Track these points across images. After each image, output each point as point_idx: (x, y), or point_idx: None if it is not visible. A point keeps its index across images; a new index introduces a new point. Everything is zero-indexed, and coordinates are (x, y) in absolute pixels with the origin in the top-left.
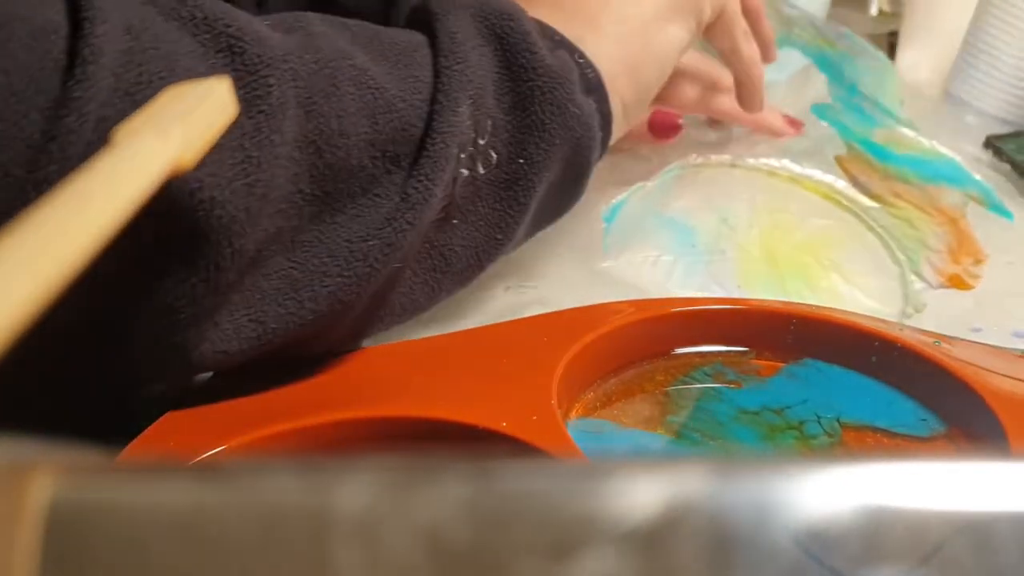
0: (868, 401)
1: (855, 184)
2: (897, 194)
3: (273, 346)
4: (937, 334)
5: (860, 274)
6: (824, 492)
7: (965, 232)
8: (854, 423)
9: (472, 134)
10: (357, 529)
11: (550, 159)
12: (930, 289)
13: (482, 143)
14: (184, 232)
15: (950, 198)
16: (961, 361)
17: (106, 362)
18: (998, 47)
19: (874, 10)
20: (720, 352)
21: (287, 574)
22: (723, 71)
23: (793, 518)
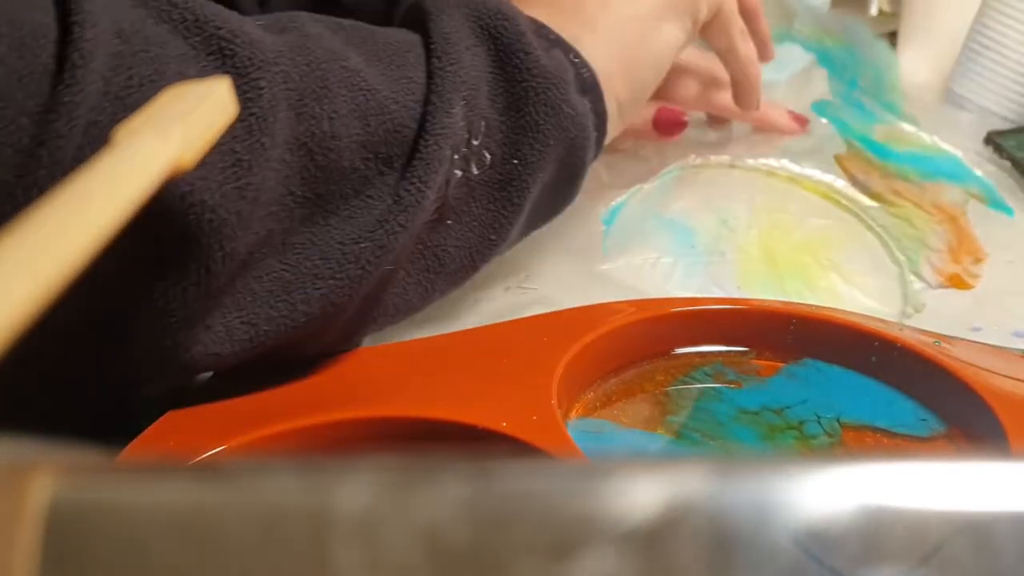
0: (868, 401)
1: (855, 183)
2: (897, 192)
3: (265, 348)
4: (937, 334)
5: (859, 274)
6: (824, 492)
7: (965, 230)
8: (854, 423)
9: (466, 135)
10: (357, 529)
11: (544, 160)
12: (929, 289)
13: (476, 144)
14: (175, 235)
15: (950, 195)
16: (961, 361)
17: (106, 362)
18: (1002, 44)
19: (874, 10)
20: (720, 352)
21: (287, 574)
22: (723, 67)
23: (793, 518)
